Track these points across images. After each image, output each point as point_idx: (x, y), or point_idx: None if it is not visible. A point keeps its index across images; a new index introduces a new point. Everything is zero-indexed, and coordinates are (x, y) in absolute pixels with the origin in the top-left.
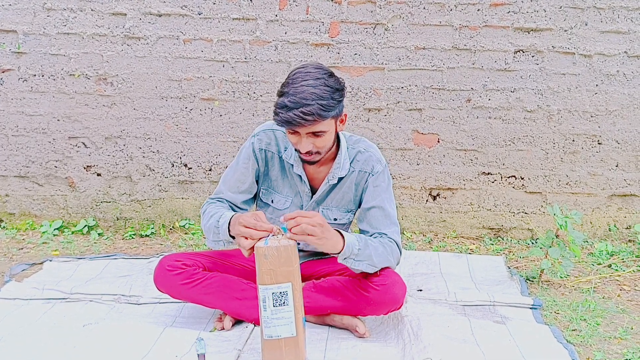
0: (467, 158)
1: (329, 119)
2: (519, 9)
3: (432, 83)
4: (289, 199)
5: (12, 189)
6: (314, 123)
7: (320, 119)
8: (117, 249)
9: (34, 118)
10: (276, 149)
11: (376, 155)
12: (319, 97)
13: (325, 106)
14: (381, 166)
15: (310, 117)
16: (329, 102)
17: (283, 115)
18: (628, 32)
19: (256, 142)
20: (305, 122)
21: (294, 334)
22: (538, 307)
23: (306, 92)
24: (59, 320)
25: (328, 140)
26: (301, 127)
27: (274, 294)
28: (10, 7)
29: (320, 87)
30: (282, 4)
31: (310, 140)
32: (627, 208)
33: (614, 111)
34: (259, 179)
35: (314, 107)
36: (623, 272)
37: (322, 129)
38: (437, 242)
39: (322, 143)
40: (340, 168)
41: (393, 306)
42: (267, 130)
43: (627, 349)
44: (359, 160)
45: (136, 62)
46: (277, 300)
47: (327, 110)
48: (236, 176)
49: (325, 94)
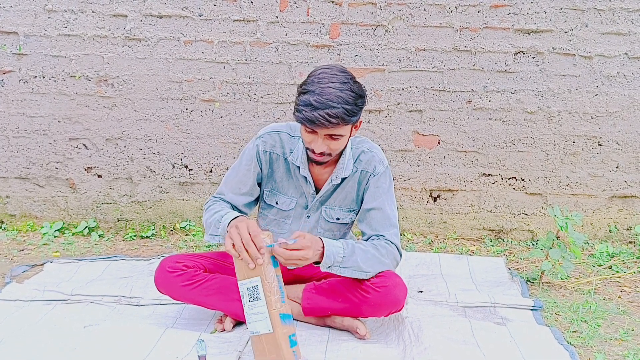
0: (468, 159)
1: (350, 124)
2: (519, 11)
3: (432, 84)
4: (294, 200)
5: (13, 190)
6: (336, 126)
7: (343, 123)
8: (117, 250)
9: (34, 119)
10: (281, 151)
11: (379, 155)
12: (345, 102)
13: (350, 111)
14: (383, 167)
15: (334, 120)
16: (353, 108)
17: (307, 114)
18: (628, 34)
19: (261, 144)
20: (329, 124)
21: (271, 330)
22: (539, 308)
23: (333, 94)
24: (59, 321)
25: (342, 144)
26: (322, 128)
27: (248, 289)
28: (11, 8)
29: (347, 91)
30: (283, 5)
31: (327, 142)
32: (628, 209)
33: (614, 112)
34: (261, 181)
35: (340, 110)
36: (624, 273)
37: (341, 132)
38: (437, 244)
39: (336, 146)
40: (344, 169)
41: (394, 308)
42: (272, 133)
43: (628, 350)
44: (361, 160)
45: (137, 63)
46: (252, 295)
47: (351, 115)
48: (238, 178)
49: (350, 99)
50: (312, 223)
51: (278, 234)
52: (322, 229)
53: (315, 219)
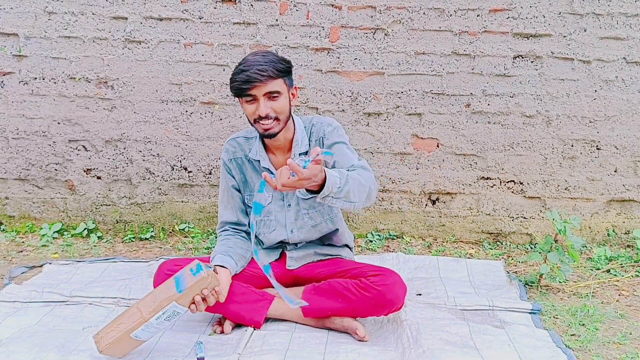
0: (467, 163)
1: (282, 80)
2: (518, 15)
3: (431, 88)
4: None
5: (12, 191)
6: (269, 80)
7: (274, 76)
8: (116, 252)
9: (34, 121)
10: (242, 153)
11: (327, 120)
12: (270, 60)
13: (277, 66)
14: (332, 127)
15: (265, 74)
16: (279, 64)
17: (240, 78)
18: (627, 38)
19: (224, 155)
20: (262, 77)
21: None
22: (537, 311)
23: (257, 60)
24: (58, 323)
25: (284, 104)
26: (257, 86)
27: (172, 311)
28: (11, 10)
29: (269, 56)
30: (283, 8)
31: (268, 104)
32: (626, 213)
33: (612, 117)
34: (241, 188)
35: (268, 65)
36: (622, 277)
37: (277, 89)
38: (436, 247)
39: (278, 106)
40: (299, 145)
41: (394, 306)
42: (230, 141)
43: (626, 354)
44: (313, 132)
45: (137, 65)
46: (168, 316)
47: (280, 70)
48: (226, 196)
49: (274, 58)
50: (294, 209)
51: (267, 233)
52: (305, 209)
53: (294, 202)
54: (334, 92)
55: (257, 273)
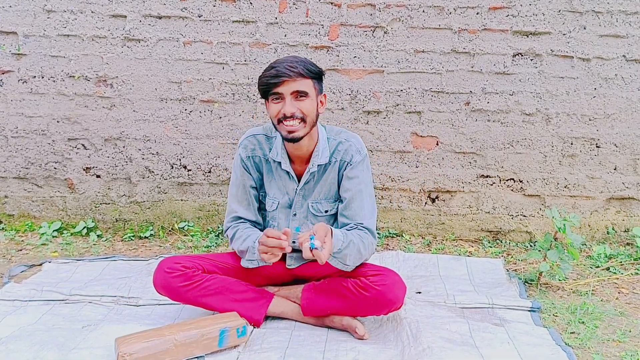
0: (466, 161)
1: (312, 81)
2: (517, 13)
3: (431, 86)
4: (277, 201)
5: (12, 190)
6: (298, 77)
7: (304, 74)
8: (116, 250)
9: (33, 119)
10: (261, 152)
11: (356, 145)
12: (301, 61)
13: (308, 67)
14: (360, 156)
15: (295, 70)
16: (310, 66)
17: (269, 73)
18: (626, 36)
19: (242, 151)
20: (291, 73)
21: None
22: (537, 309)
23: (288, 58)
24: (57, 321)
25: (311, 108)
26: (286, 82)
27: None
28: (10, 8)
29: (301, 57)
30: (282, 6)
31: (295, 103)
32: (625, 211)
33: (612, 115)
34: (257, 185)
35: (299, 64)
36: (621, 275)
37: (305, 89)
38: (435, 245)
39: (305, 107)
40: (320, 156)
41: (393, 306)
42: (250, 137)
43: (625, 351)
44: (339, 150)
45: (136, 64)
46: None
47: (310, 71)
48: (239, 192)
49: (306, 60)
50: (300, 220)
51: None
52: (312, 223)
53: (302, 215)
54: (334, 90)
55: (257, 272)
